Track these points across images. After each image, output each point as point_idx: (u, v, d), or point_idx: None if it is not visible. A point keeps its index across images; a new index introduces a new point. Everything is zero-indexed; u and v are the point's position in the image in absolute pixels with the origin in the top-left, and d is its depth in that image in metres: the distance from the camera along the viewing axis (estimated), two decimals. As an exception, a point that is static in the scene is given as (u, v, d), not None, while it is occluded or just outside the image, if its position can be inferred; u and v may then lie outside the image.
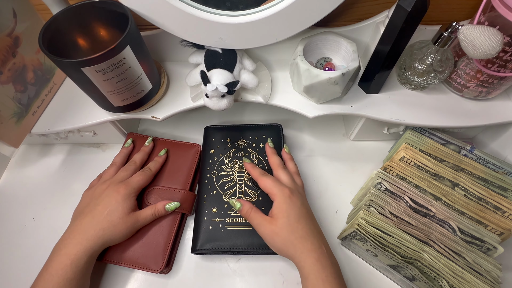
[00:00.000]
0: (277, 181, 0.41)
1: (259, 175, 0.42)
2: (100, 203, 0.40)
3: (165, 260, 0.42)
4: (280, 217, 0.37)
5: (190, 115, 0.60)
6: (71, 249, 0.37)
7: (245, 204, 0.41)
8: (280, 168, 0.44)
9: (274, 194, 0.39)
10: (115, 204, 0.40)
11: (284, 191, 0.39)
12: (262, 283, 0.43)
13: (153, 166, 0.47)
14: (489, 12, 0.40)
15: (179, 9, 0.38)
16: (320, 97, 0.46)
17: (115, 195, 0.41)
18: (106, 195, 0.41)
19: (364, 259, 0.45)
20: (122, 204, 0.40)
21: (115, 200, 0.40)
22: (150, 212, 0.43)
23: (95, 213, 0.40)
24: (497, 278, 0.36)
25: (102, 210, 0.40)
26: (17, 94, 0.44)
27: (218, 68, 0.43)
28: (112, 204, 0.40)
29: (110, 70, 0.37)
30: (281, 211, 0.38)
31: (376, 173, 0.43)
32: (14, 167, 0.55)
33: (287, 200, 0.38)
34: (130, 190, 0.42)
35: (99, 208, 0.40)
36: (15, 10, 0.41)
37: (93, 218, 0.39)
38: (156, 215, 0.43)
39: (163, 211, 0.43)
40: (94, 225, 0.39)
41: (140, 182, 0.44)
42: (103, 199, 0.41)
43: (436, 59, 0.43)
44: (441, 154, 0.45)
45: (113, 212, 0.40)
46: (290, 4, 0.37)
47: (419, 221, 0.39)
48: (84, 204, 0.43)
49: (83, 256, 0.37)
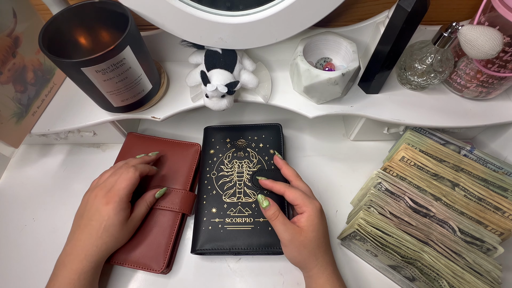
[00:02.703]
0: (304, 193, 0.40)
1: (285, 188, 0.41)
2: (93, 218, 0.39)
3: (166, 260, 0.42)
4: (311, 231, 0.37)
5: (190, 115, 0.60)
6: (77, 264, 0.37)
7: (273, 206, 0.40)
8: (298, 179, 0.43)
9: (304, 206, 0.39)
10: (108, 220, 0.39)
11: (316, 204, 0.39)
12: (262, 283, 0.43)
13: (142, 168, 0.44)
14: (489, 12, 0.40)
15: (179, 9, 0.38)
16: (320, 97, 0.46)
17: (106, 210, 0.39)
18: (96, 208, 0.39)
19: (364, 259, 0.45)
20: (115, 217, 0.39)
21: (107, 215, 0.39)
22: (144, 208, 0.43)
23: (91, 229, 0.39)
24: (497, 279, 0.36)
25: (97, 226, 0.39)
26: (17, 94, 0.44)
27: (218, 68, 0.43)
28: (106, 220, 0.39)
29: (110, 70, 0.37)
30: (312, 225, 0.38)
31: (376, 173, 0.43)
32: (14, 167, 0.55)
33: (318, 215, 0.38)
34: (119, 201, 0.40)
35: (93, 224, 0.39)
36: (15, 10, 0.41)
37: (90, 234, 0.39)
38: (150, 206, 0.44)
39: (154, 200, 0.44)
40: (94, 241, 0.38)
41: (128, 187, 0.41)
42: (94, 214, 0.39)
43: (436, 59, 0.43)
44: (441, 154, 0.45)
45: (109, 226, 0.39)
46: (290, 4, 0.37)
47: (419, 221, 0.39)
48: (80, 212, 0.41)
49: (89, 269, 0.37)
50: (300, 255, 0.38)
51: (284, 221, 0.38)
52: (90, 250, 0.38)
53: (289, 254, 0.39)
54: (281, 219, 0.39)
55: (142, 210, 0.43)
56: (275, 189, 0.43)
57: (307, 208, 0.39)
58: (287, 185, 0.42)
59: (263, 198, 0.41)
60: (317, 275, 0.38)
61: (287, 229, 0.38)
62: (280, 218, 0.39)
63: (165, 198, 0.46)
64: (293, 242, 0.37)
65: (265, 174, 0.47)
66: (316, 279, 0.38)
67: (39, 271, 0.44)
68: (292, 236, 0.37)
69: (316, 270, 0.38)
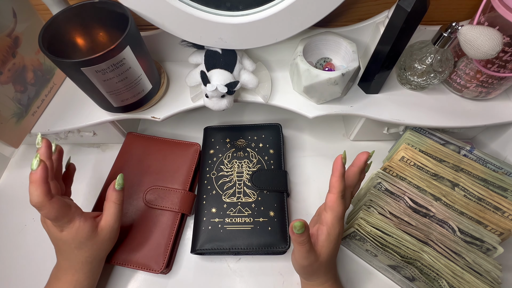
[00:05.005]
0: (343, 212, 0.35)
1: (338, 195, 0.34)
2: (59, 243, 0.37)
3: (165, 260, 0.42)
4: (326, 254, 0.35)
5: (190, 115, 0.60)
6: (71, 276, 0.37)
7: (306, 232, 0.32)
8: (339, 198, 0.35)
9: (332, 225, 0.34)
10: (72, 244, 0.36)
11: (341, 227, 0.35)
12: (262, 283, 0.43)
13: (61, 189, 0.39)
14: (488, 12, 0.40)
15: (179, 9, 0.38)
16: (320, 97, 0.46)
17: (63, 236, 0.36)
18: (55, 238, 0.37)
19: (364, 259, 0.45)
20: (77, 236, 0.36)
21: (68, 241, 0.36)
22: (113, 209, 0.38)
23: (68, 251, 0.37)
24: (497, 278, 0.36)
25: (69, 250, 0.37)
26: (17, 94, 0.44)
27: (218, 68, 0.43)
28: (70, 244, 0.36)
29: (110, 71, 0.37)
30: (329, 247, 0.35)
31: (376, 173, 0.43)
32: (14, 167, 0.55)
33: (338, 238, 0.35)
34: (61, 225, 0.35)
35: (65, 248, 0.37)
36: (15, 10, 0.41)
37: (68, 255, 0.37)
38: (118, 202, 0.38)
39: (119, 194, 0.38)
40: (77, 258, 0.37)
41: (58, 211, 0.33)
42: (59, 241, 0.37)
43: (436, 59, 0.43)
44: (441, 154, 0.45)
45: (80, 245, 0.36)
46: (290, 4, 0.37)
47: (419, 221, 0.39)
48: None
49: (85, 279, 0.38)
50: (305, 273, 0.37)
51: (310, 249, 0.34)
52: (78, 264, 0.38)
53: (295, 267, 0.38)
54: (307, 247, 0.34)
55: (112, 211, 0.38)
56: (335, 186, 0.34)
57: (333, 228, 0.34)
58: (341, 194, 0.34)
59: (300, 226, 0.32)
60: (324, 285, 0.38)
61: (309, 257, 0.34)
62: (307, 246, 0.34)
63: (164, 198, 0.46)
64: (306, 268, 0.36)
65: (264, 174, 0.47)
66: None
67: (39, 271, 0.44)
68: (308, 263, 0.35)
69: (314, 283, 0.38)
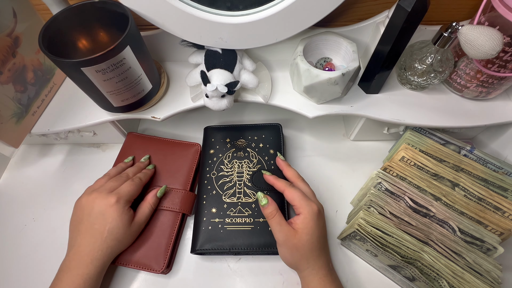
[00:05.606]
0: (305, 195, 0.40)
1: (285, 186, 0.41)
2: (96, 222, 0.39)
3: (166, 260, 0.42)
4: (305, 234, 0.37)
5: (190, 115, 0.60)
6: (83, 269, 0.37)
7: (271, 204, 0.39)
8: (300, 180, 0.43)
9: (301, 208, 0.38)
10: (112, 222, 0.39)
11: (313, 207, 0.38)
12: (262, 283, 0.43)
13: (143, 176, 0.45)
14: (489, 12, 0.40)
15: (179, 9, 0.38)
16: (320, 97, 0.46)
17: (109, 212, 0.39)
18: (99, 212, 0.39)
19: (364, 259, 0.45)
20: (120, 220, 0.39)
21: (111, 217, 0.39)
22: (148, 210, 0.43)
23: (94, 233, 0.38)
24: (497, 278, 0.36)
25: (101, 230, 0.39)
26: (17, 94, 0.43)
27: (218, 68, 0.43)
28: (110, 222, 0.39)
29: (110, 70, 0.37)
30: (307, 228, 0.37)
31: (376, 173, 0.43)
32: (14, 167, 0.55)
33: (314, 218, 0.38)
34: (122, 204, 0.40)
35: (96, 227, 0.39)
36: (15, 10, 0.41)
37: (94, 239, 0.38)
38: (153, 207, 0.44)
39: (157, 200, 0.44)
40: (99, 245, 0.38)
41: (131, 192, 0.42)
42: (97, 217, 0.39)
43: (436, 59, 0.43)
44: (441, 154, 0.45)
45: (113, 229, 0.39)
46: (290, 4, 0.37)
47: (419, 221, 0.39)
48: (77, 218, 0.41)
49: (95, 274, 0.37)
50: (292, 257, 0.38)
51: (281, 221, 0.38)
52: (95, 254, 0.38)
53: (282, 255, 0.39)
54: (277, 219, 0.38)
55: (146, 212, 0.43)
56: (276, 186, 0.42)
57: (303, 210, 0.38)
58: (288, 183, 0.42)
59: (262, 196, 0.40)
60: (309, 278, 0.38)
61: (282, 230, 0.38)
62: (277, 218, 0.38)
63: (165, 198, 0.46)
64: (286, 244, 0.37)
65: (265, 174, 0.47)
66: (308, 282, 0.38)
67: (39, 271, 0.44)
68: (286, 237, 0.37)
69: (307, 273, 0.38)
